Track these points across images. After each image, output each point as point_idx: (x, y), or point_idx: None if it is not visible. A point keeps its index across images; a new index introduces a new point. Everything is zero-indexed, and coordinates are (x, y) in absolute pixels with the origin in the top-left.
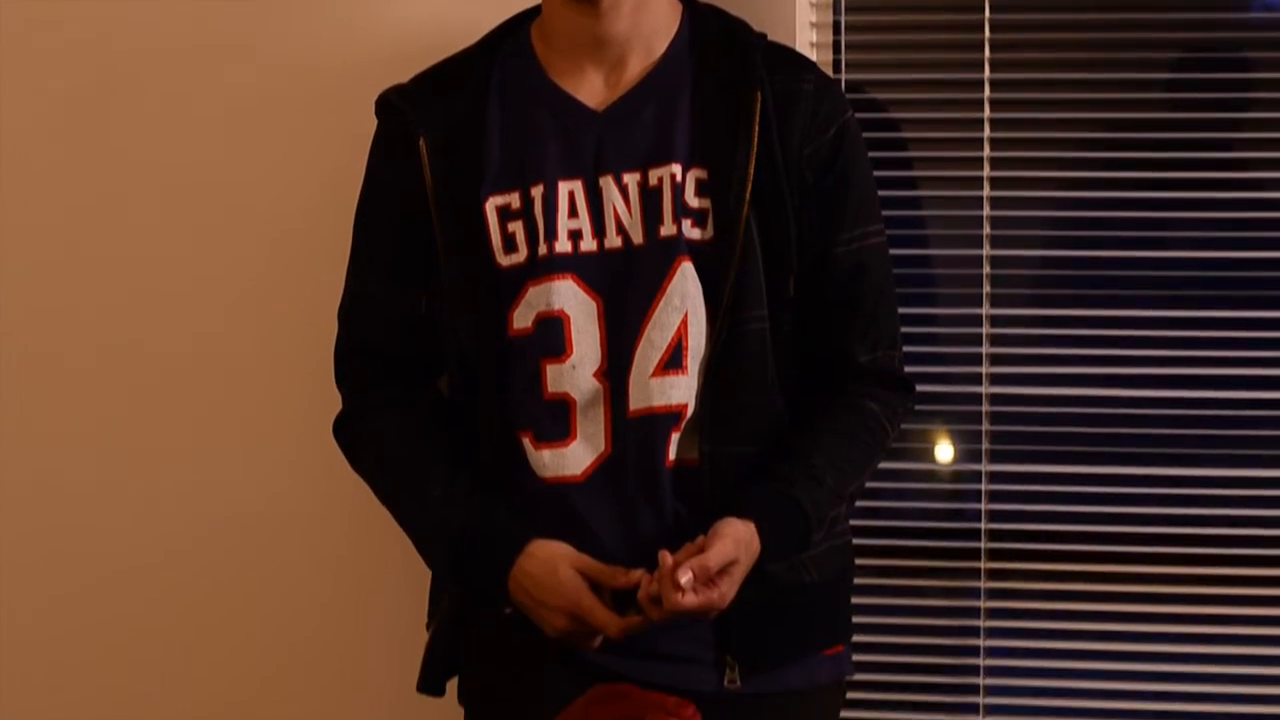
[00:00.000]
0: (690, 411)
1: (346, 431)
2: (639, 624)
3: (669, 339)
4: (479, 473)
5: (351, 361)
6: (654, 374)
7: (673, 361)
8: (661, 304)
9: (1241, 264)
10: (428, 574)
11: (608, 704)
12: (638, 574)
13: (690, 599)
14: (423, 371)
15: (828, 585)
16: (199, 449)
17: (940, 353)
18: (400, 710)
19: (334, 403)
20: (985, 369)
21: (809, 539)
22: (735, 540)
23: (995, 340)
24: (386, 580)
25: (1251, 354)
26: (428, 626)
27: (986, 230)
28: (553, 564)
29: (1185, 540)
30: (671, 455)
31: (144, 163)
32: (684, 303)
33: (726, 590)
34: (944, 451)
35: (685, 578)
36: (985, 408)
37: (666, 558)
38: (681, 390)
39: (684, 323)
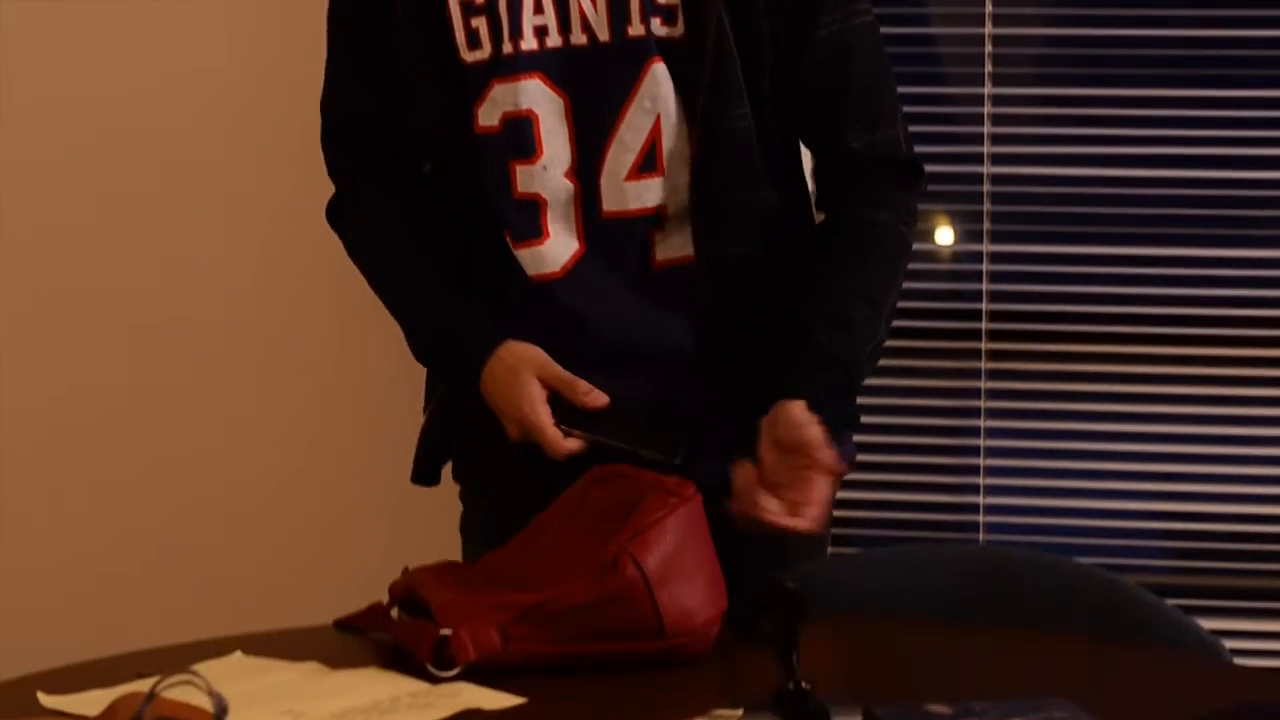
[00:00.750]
0: (671, 211)
1: (339, 220)
2: (582, 449)
3: (641, 141)
4: (469, 265)
5: (336, 151)
6: (627, 178)
7: (647, 164)
8: (632, 107)
9: (1244, 42)
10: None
11: (607, 484)
12: (601, 398)
13: (797, 522)
14: (408, 158)
15: None
16: (187, 243)
17: (941, 133)
18: (402, 501)
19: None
20: (986, 149)
21: (856, 385)
22: (818, 454)
23: (997, 120)
24: (383, 371)
25: (1253, 133)
26: (425, 412)
27: (988, 9)
28: (515, 369)
29: (1185, 320)
30: (657, 256)
31: None
32: (655, 105)
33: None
34: (944, 233)
35: (774, 507)
36: (986, 188)
37: (755, 490)
38: (657, 192)
39: (656, 125)
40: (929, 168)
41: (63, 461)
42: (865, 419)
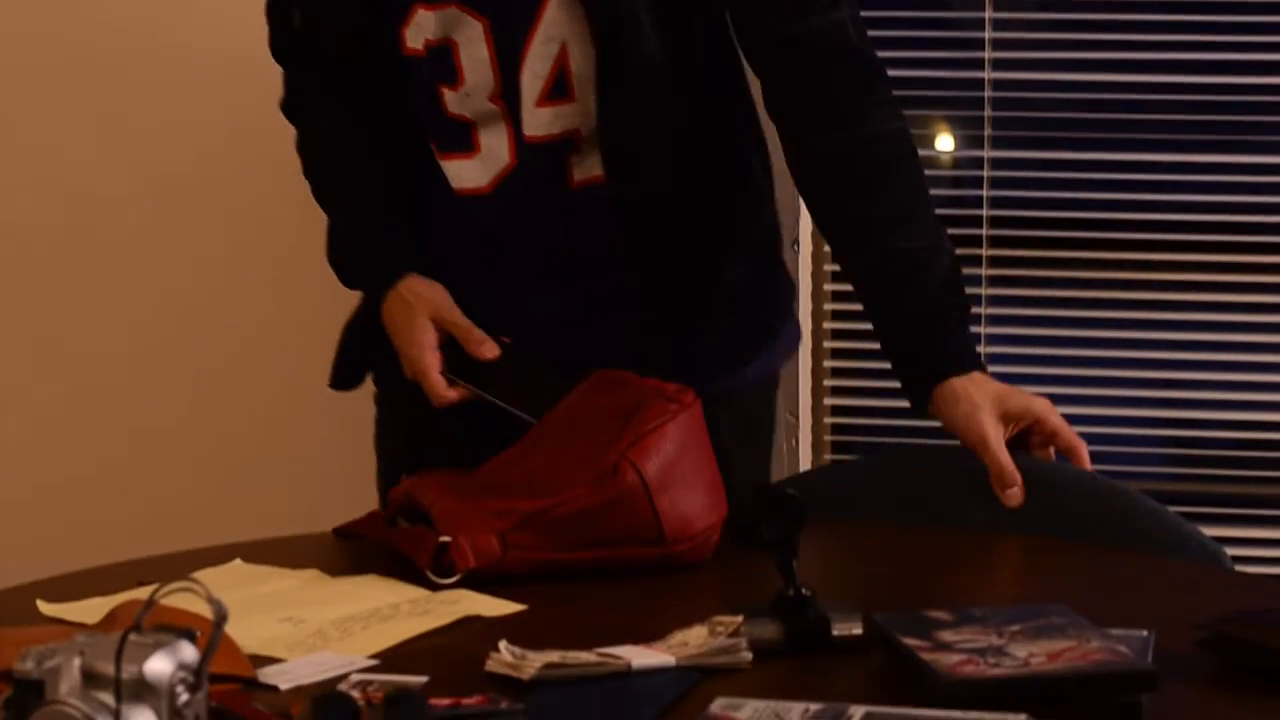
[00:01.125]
0: (584, 134)
1: (291, 116)
2: (463, 399)
3: (549, 69)
4: (402, 177)
5: (279, 57)
6: (539, 104)
7: (557, 91)
8: (536, 37)
9: None
10: None
11: (607, 391)
12: (492, 350)
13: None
14: (345, 64)
15: (758, 284)
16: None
17: (942, 38)
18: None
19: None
20: (987, 54)
21: (966, 308)
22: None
23: (998, 25)
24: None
25: (1255, 39)
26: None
27: None
28: (412, 308)
29: (1187, 227)
30: (575, 176)
31: None
32: (559, 31)
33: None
34: (945, 140)
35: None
36: (987, 94)
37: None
38: (569, 117)
39: (562, 53)
40: (929, 73)
41: (57, 374)
42: (861, 323)
